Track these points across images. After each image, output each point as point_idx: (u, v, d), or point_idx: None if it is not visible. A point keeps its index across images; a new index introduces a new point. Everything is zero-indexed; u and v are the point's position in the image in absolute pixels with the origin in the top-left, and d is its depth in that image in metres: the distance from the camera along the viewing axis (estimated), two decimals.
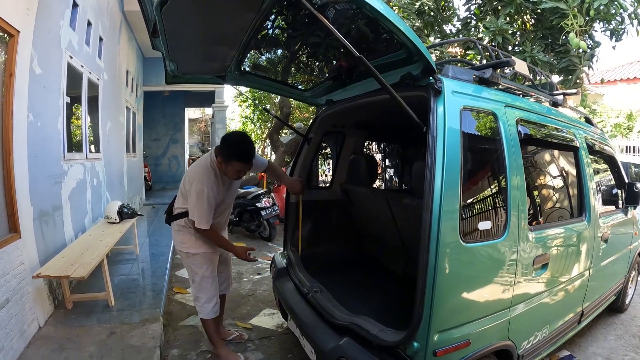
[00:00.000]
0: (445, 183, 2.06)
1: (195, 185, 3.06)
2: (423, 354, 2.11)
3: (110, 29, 7.79)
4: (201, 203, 3.05)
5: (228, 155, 3.06)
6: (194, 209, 3.09)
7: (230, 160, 3.06)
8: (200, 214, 3.08)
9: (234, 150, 3.07)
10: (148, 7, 2.14)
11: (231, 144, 3.10)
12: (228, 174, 3.18)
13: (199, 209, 3.07)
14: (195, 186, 3.05)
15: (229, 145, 3.09)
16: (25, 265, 3.70)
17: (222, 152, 3.07)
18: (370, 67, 1.90)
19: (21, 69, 3.70)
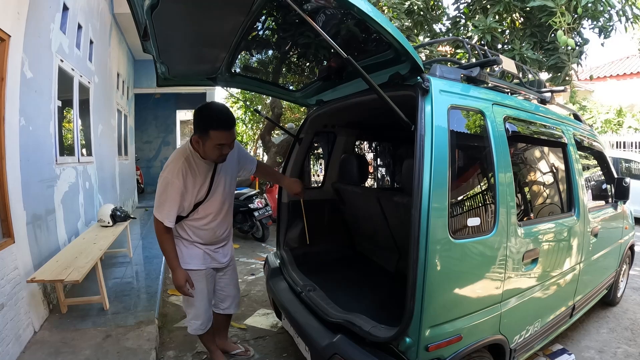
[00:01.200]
0: (434, 181, 2.09)
1: (162, 172, 2.77)
2: (415, 349, 2.14)
3: (101, 32, 7.77)
4: (162, 191, 2.73)
5: (205, 126, 2.65)
6: (156, 197, 2.78)
7: (207, 131, 2.63)
8: (158, 202, 2.76)
9: (210, 117, 2.67)
10: (139, 10, 2.15)
11: (205, 110, 2.71)
12: (208, 154, 2.75)
13: (158, 196, 2.76)
14: (162, 173, 2.76)
15: (203, 113, 2.71)
16: (20, 269, 3.70)
17: (198, 123, 2.70)
18: (358, 68, 1.92)
19: (12, 73, 3.70)
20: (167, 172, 2.72)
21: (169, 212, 2.75)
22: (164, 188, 2.72)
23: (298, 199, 3.56)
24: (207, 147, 2.70)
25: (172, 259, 2.84)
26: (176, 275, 2.83)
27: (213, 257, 3.09)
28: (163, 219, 2.74)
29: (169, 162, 2.78)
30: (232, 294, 3.39)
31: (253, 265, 6.45)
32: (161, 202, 2.73)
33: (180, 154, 2.79)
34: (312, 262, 3.84)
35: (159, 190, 2.74)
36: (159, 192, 2.74)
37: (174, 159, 2.78)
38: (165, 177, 2.71)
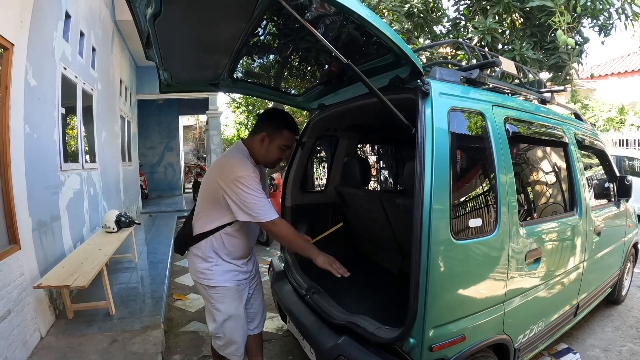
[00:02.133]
0: (435, 182, 2.11)
1: (238, 172, 2.41)
2: (419, 350, 2.15)
3: (103, 39, 7.82)
4: (254, 191, 2.40)
5: (281, 123, 2.61)
6: (249, 201, 2.39)
7: (282, 129, 2.60)
8: (260, 206, 2.42)
9: (286, 118, 2.66)
10: (141, 19, 2.17)
11: (280, 111, 2.69)
12: (270, 155, 2.64)
13: (254, 202, 2.40)
14: (239, 173, 2.40)
15: (279, 112, 2.70)
16: (26, 276, 3.73)
17: (273, 119, 2.63)
18: (358, 73, 1.94)
19: (16, 81, 3.74)
20: (244, 171, 2.41)
21: (271, 207, 2.50)
22: (253, 189, 2.41)
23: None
24: (274, 146, 2.62)
25: (310, 247, 2.63)
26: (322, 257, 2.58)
27: (243, 270, 2.76)
28: (274, 214, 2.47)
29: (236, 160, 2.50)
30: (261, 309, 3.07)
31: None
32: (260, 202, 2.42)
33: (241, 154, 2.58)
34: (316, 265, 3.84)
35: (248, 194, 2.39)
36: (251, 196, 2.40)
37: (239, 158, 2.53)
38: (247, 177, 2.40)
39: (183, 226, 2.83)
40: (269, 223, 2.45)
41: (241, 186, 2.38)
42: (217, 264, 2.63)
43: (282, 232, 2.53)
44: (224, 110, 18.98)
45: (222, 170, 2.50)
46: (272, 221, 2.45)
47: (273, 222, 2.46)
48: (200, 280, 2.67)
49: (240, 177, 2.38)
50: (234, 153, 2.60)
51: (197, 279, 2.69)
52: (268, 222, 2.44)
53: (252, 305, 2.98)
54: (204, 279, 2.64)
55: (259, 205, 2.41)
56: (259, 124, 2.67)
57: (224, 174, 2.44)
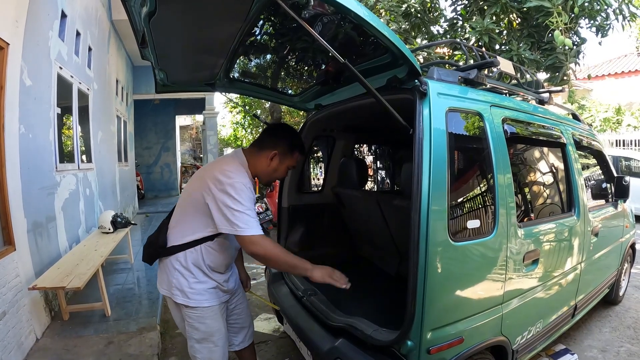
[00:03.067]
0: (433, 183, 2.09)
1: (235, 177, 2.25)
2: (417, 352, 2.13)
3: (99, 39, 7.79)
4: (246, 202, 2.23)
5: (296, 145, 2.54)
6: (236, 210, 2.19)
7: (294, 151, 2.53)
8: (246, 218, 2.20)
9: (300, 139, 2.59)
10: (136, 18, 2.16)
11: (294, 131, 2.61)
12: (275, 173, 2.56)
13: (243, 208, 2.21)
14: (235, 179, 2.24)
15: (294, 133, 2.60)
16: (21, 277, 3.71)
17: (287, 140, 2.52)
18: (355, 73, 1.92)
19: (11, 81, 3.72)
20: (240, 178, 2.27)
21: (258, 225, 2.26)
22: (245, 199, 2.23)
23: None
24: (283, 166, 2.53)
25: (302, 263, 2.36)
26: (319, 271, 2.39)
27: (224, 289, 2.53)
28: (257, 230, 2.23)
29: (234, 167, 2.34)
30: (247, 323, 2.88)
31: (254, 270, 6.45)
32: (247, 216, 2.21)
33: (239, 164, 2.41)
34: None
35: (238, 203, 2.20)
36: (241, 206, 2.21)
37: (237, 165, 2.38)
38: (241, 183, 2.25)
39: (157, 233, 2.51)
40: (247, 239, 2.20)
41: (233, 193, 2.20)
42: (197, 281, 2.39)
43: (263, 251, 2.23)
44: (220, 111, 19.00)
45: (216, 173, 2.28)
46: (251, 238, 2.20)
47: (251, 240, 2.20)
48: (175, 299, 2.40)
49: (236, 182, 2.23)
50: (234, 160, 2.43)
51: (172, 296, 2.41)
52: (247, 238, 2.19)
53: (238, 318, 2.80)
54: (180, 297, 2.39)
55: (245, 218, 2.20)
56: (271, 139, 2.51)
57: (218, 177, 2.25)
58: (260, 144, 2.53)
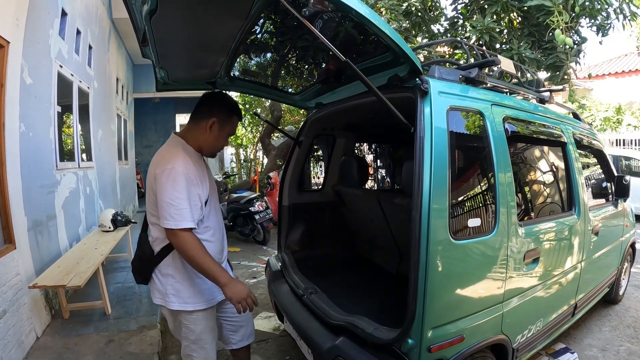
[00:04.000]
0: (434, 182, 2.10)
1: (165, 164, 2.15)
2: (418, 351, 2.14)
3: (100, 37, 7.78)
4: (176, 187, 2.10)
5: (231, 109, 2.42)
6: (167, 202, 2.08)
7: (232, 116, 2.42)
8: (175, 207, 2.08)
9: (234, 103, 2.47)
10: (137, 16, 2.15)
11: (228, 95, 2.52)
12: (217, 143, 2.43)
13: (170, 200, 2.09)
14: (166, 165, 2.14)
15: (227, 97, 2.50)
16: (21, 275, 3.71)
17: (223, 105, 2.42)
18: (356, 71, 1.92)
19: (12, 79, 3.71)
20: (175, 164, 2.14)
21: (193, 212, 2.16)
22: (178, 184, 2.11)
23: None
24: (224, 133, 2.42)
25: (220, 271, 2.17)
26: (235, 286, 2.17)
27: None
28: (185, 221, 2.10)
29: (167, 153, 2.26)
30: (245, 320, 2.73)
31: (254, 269, 6.45)
32: (179, 204, 2.09)
33: (175, 143, 2.34)
34: (313, 265, 3.83)
35: (168, 190, 2.09)
36: (172, 193, 2.09)
37: (171, 148, 2.30)
38: (174, 170, 2.12)
39: (139, 247, 2.46)
40: (169, 232, 2.11)
41: (163, 179, 2.11)
42: (191, 283, 2.33)
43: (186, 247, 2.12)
44: None
45: (151, 168, 2.22)
46: (174, 232, 2.10)
47: (174, 233, 2.10)
48: (171, 306, 2.32)
49: (166, 169, 2.12)
50: (166, 146, 2.36)
51: (167, 304, 2.33)
52: (169, 230, 2.11)
53: (234, 317, 2.66)
54: (177, 303, 2.31)
55: (174, 207, 2.09)
56: (207, 108, 2.41)
57: (151, 171, 2.21)
58: (197, 116, 2.43)
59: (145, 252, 2.36)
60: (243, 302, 2.17)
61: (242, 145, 18.46)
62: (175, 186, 2.10)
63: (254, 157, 17.14)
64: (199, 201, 2.24)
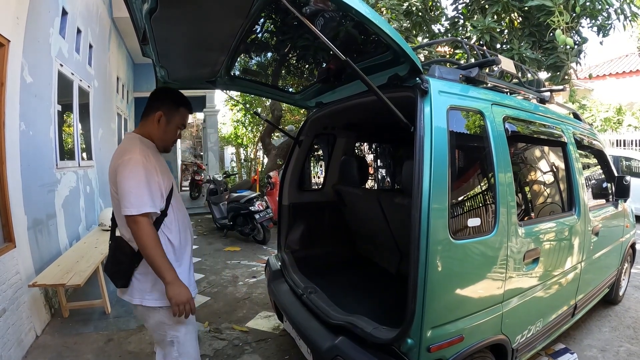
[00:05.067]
0: (434, 181, 2.09)
1: (124, 155, 2.16)
2: (417, 350, 2.13)
3: (100, 36, 7.78)
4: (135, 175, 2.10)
5: (177, 101, 2.39)
6: (127, 190, 2.08)
7: (179, 107, 2.38)
8: (135, 192, 2.08)
9: (180, 95, 2.45)
10: (137, 15, 2.16)
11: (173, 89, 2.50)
12: (167, 136, 2.40)
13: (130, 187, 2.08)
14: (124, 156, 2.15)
15: (172, 91, 2.47)
16: (21, 274, 3.71)
17: (168, 98, 2.39)
18: (356, 70, 1.92)
19: (12, 78, 3.71)
20: (132, 154, 2.14)
21: (153, 198, 2.15)
22: (136, 172, 2.11)
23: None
24: (171, 126, 2.38)
25: (168, 268, 2.13)
26: (179, 288, 2.14)
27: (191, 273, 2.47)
28: (145, 207, 2.09)
29: (125, 146, 2.24)
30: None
31: (254, 268, 6.44)
32: (138, 190, 2.09)
33: (132, 138, 2.32)
34: (313, 264, 3.83)
35: (129, 178, 2.09)
36: (131, 180, 2.09)
37: (129, 141, 2.28)
38: (134, 159, 2.12)
39: (115, 250, 2.33)
40: (130, 219, 2.07)
41: (122, 169, 2.10)
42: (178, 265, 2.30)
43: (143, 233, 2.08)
44: (221, 109, 18.96)
45: (112, 162, 2.22)
46: (134, 218, 2.06)
47: (134, 220, 2.06)
48: (156, 303, 2.26)
49: (124, 160, 2.12)
50: (123, 143, 2.34)
51: (153, 303, 2.26)
52: (129, 218, 2.07)
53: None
54: (156, 299, 2.25)
55: (134, 194, 2.07)
56: (152, 103, 2.37)
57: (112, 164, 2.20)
58: (147, 111, 2.39)
59: (126, 252, 2.25)
60: (181, 305, 2.13)
61: (243, 145, 18.47)
62: (134, 174, 2.10)
63: (255, 156, 17.14)
64: (158, 189, 2.22)
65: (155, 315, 2.30)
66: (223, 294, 5.29)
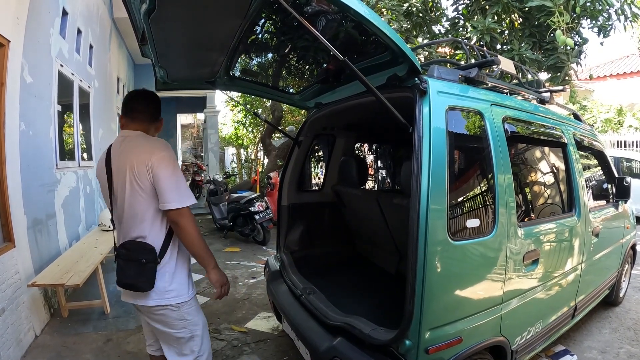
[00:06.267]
0: (432, 182, 2.09)
1: (164, 149, 2.22)
2: (415, 352, 2.12)
3: (101, 37, 7.79)
4: (177, 171, 2.21)
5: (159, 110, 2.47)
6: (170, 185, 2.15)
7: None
8: (182, 186, 2.19)
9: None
10: (136, 15, 2.16)
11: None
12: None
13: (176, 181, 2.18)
14: (161, 153, 2.19)
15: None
16: (20, 274, 3.71)
17: (158, 106, 2.45)
18: (354, 70, 1.92)
19: (12, 78, 3.72)
20: (165, 151, 2.21)
21: (189, 191, 2.26)
22: (176, 167, 2.21)
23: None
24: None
25: (211, 253, 2.35)
26: (220, 271, 2.39)
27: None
28: (190, 199, 2.21)
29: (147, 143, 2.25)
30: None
31: (254, 269, 6.44)
32: (180, 184, 2.19)
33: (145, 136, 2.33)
34: (312, 265, 3.83)
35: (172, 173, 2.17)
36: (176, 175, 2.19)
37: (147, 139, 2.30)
38: (169, 156, 2.21)
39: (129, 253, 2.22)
40: (175, 213, 2.14)
41: (164, 165, 2.16)
42: (183, 272, 2.36)
43: (191, 224, 2.20)
44: (221, 109, 18.95)
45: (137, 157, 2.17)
46: (180, 211, 2.15)
47: (181, 212, 2.15)
48: (170, 301, 2.27)
49: (163, 156, 2.18)
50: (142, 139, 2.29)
51: (174, 300, 2.28)
52: (175, 212, 2.14)
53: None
54: (175, 297, 2.28)
55: (178, 188, 2.17)
56: (156, 108, 2.42)
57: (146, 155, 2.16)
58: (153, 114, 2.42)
59: (148, 249, 2.22)
60: (224, 287, 2.40)
61: (243, 146, 18.45)
62: (174, 170, 2.19)
63: (255, 157, 17.12)
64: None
65: (176, 312, 2.30)
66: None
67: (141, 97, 2.39)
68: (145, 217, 2.21)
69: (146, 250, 2.21)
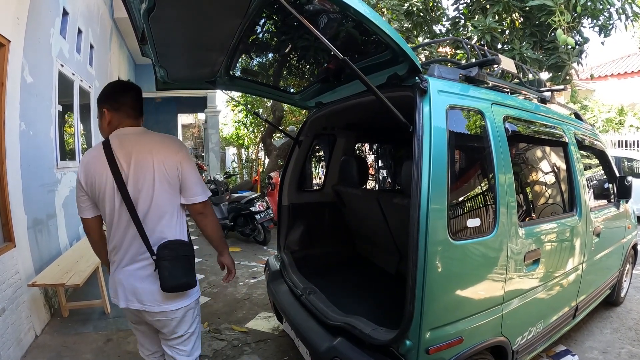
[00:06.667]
0: (433, 182, 2.08)
1: (184, 148, 2.28)
2: (415, 352, 2.12)
3: (101, 37, 7.79)
4: (195, 166, 2.30)
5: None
6: (196, 179, 2.24)
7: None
8: (202, 181, 2.30)
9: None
10: (136, 14, 2.15)
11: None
12: None
13: (198, 174, 2.29)
14: (185, 150, 2.27)
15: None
16: (21, 274, 3.71)
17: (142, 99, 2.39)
18: (354, 69, 1.91)
19: (12, 78, 3.72)
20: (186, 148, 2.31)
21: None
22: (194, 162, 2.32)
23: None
24: None
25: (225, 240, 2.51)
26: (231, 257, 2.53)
27: None
28: (209, 191, 2.33)
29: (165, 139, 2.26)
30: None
31: (255, 269, 6.44)
32: (200, 178, 2.29)
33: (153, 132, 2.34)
34: (312, 265, 3.83)
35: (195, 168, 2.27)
36: (197, 170, 2.29)
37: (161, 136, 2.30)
38: (187, 151, 2.31)
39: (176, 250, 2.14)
40: (203, 205, 2.26)
41: (188, 162, 2.22)
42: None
43: (214, 213, 2.37)
44: (222, 109, 18.94)
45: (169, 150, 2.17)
46: (206, 202, 2.28)
47: (206, 204, 2.28)
48: (198, 294, 2.32)
49: (185, 153, 2.24)
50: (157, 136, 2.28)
51: (197, 294, 2.31)
52: (202, 204, 2.25)
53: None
54: (197, 291, 2.31)
55: (201, 183, 2.28)
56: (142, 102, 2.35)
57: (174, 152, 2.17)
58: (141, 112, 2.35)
59: (188, 244, 2.22)
60: (233, 271, 2.54)
61: (244, 146, 18.44)
62: (195, 166, 2.29)
63: (256, 157, 17.11)
64: None
65: (191, 309, 2.30)
66: (223, 294, 5.28)
67: (131, 90, 2.29)
68: (168, 213, 2.19)
69: (185, 245, 2.21)
